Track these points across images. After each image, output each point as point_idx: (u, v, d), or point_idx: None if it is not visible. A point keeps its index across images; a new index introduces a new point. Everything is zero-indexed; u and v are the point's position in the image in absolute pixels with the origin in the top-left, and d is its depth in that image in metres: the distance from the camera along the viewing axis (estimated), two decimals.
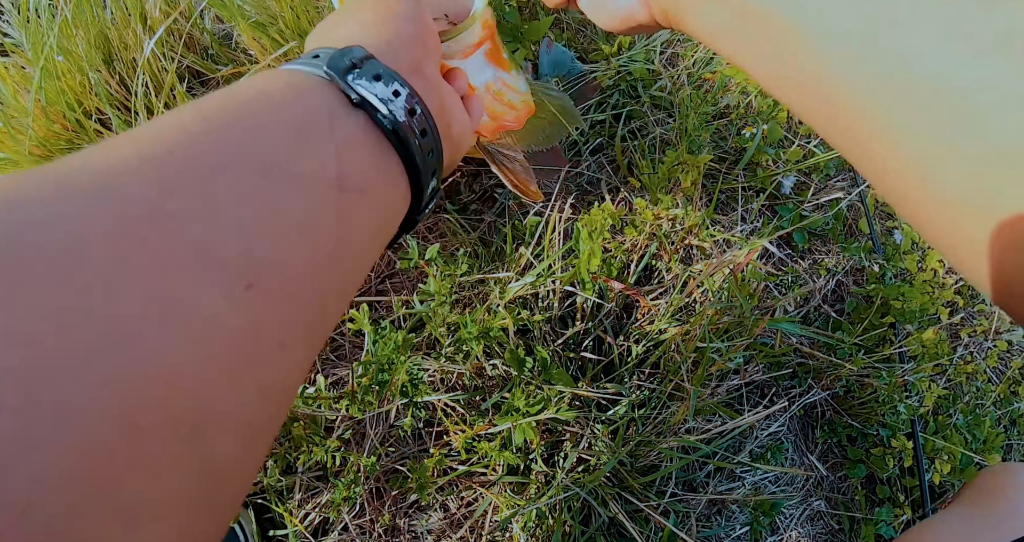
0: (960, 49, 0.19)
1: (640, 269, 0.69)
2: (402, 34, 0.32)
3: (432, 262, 0.64)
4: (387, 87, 0.26)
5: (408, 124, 0.27)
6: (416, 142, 0.27)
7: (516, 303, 0.64)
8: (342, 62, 0.26)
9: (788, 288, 0.85)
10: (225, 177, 0.19)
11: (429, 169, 0.29)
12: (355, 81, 0.26)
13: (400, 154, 0.27)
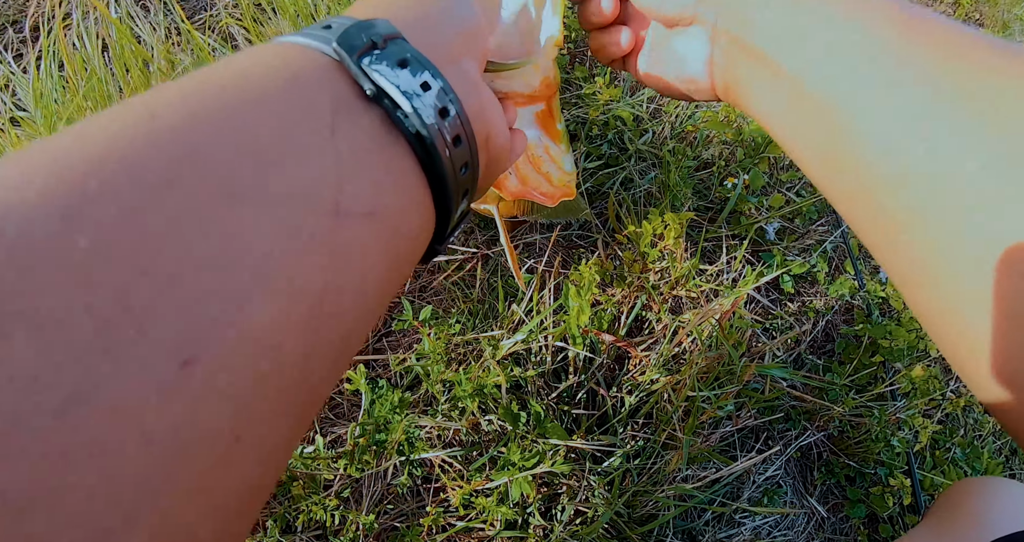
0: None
1: (630, 321, 0.71)
2: (446, 12, 0.26)
3: (426, 323, 0.66)
4: (414, 77, 0.20)
5: (438, 128, 0.21)
6: (447, 152, 0.21)
7: (509, 359, 0.65)
8: (358, 39, 0.20)
9: (779, 331, 0.87)
10: (170, 200, 0.14)
11: (461, 187, 0.23)
12: (372, 65, 0.20)
13: (424, 166, 0.21)
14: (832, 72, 0.26)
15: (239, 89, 0.17)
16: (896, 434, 0.89)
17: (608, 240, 0.73)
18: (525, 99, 0.39)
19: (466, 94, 0.23)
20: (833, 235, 0.94)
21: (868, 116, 0.24)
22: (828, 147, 0.27)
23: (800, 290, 0.92)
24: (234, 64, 0.19)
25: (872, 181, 0.24)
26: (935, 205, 0.22)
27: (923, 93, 0.23)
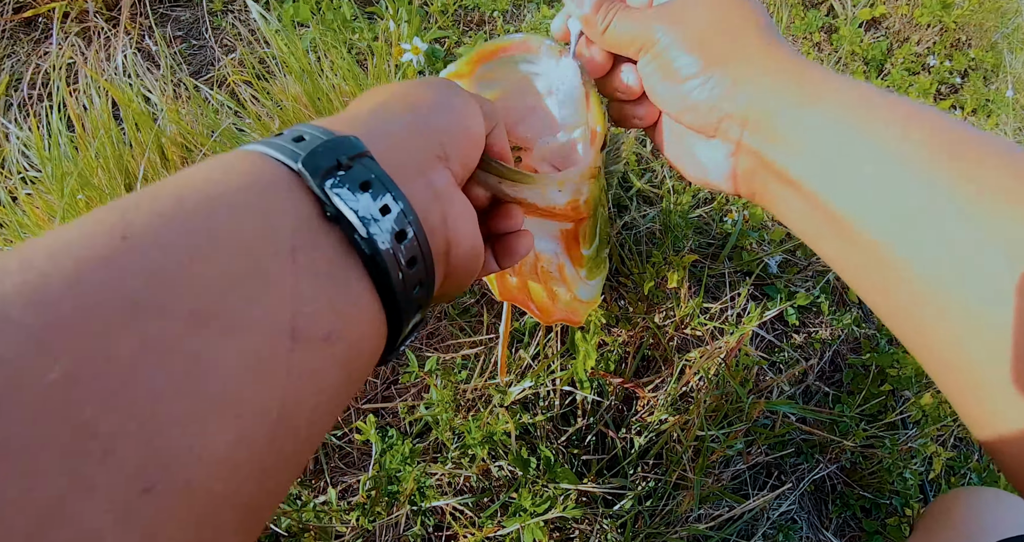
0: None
1: (637, 362, 0.71)
2: (424, 123, 0.27)
3: (432, 372, 0.66)
4: (375, 201, 0.21)
5: (392, 252, 0.22)
6: (399, 275, 0.22)
7: (518, 404, 0.66)
8: (324, 159, 0.21)
9: (787, 365, 0.87)
10: (138, 327, 0.15)
11: (413, 305, 0.24)
12: (334, 188, 0.20)
13: (379, 287, 0.22)
14: (884, 218, 0.26)
15: (209, 207, 0.18)
16: (908, 464, 0.88)
17: (613, 282, 0.74)
18: (542, 212, 0.37)
19: (427, 209, 0.24)
20: None
21: (924, 263, 0.25)
22: (873, 274, 0.28)
23: (805, 321, 0.92)
24: (206, 175, 0.19)
25: (917, 307, 0.26)
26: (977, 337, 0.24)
27: (979, 239, 0.24)
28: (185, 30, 0.98)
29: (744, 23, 0.32)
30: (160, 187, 0.19)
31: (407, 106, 0.28)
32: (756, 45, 0.32)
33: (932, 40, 1.47)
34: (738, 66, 0.31)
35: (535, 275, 0.42)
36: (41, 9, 1.07)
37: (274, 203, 0.20)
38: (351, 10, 0.81)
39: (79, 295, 0.14)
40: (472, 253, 0.28)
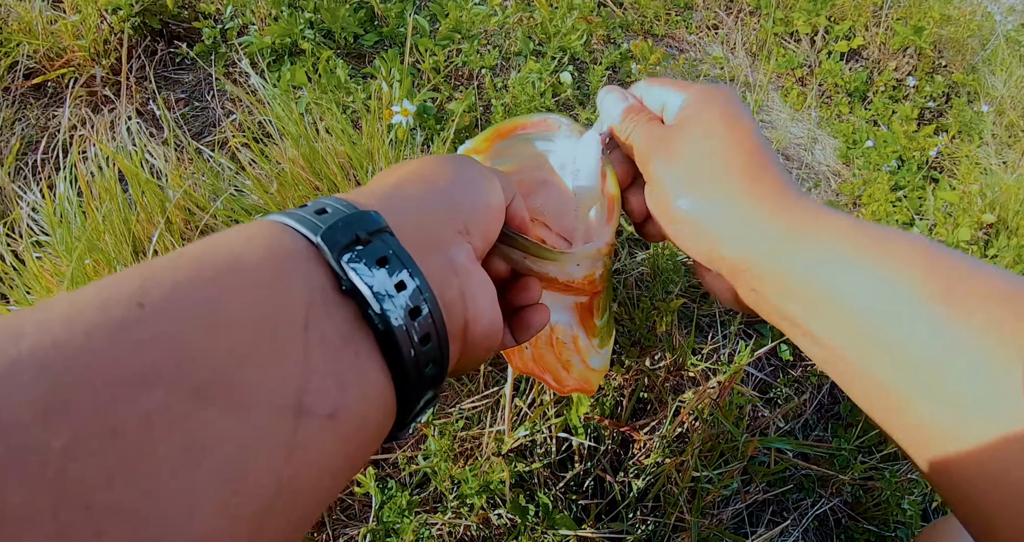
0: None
1: (632, 405, 0.73)
2: (446, 198, 0.27)
3: (430, 422, 0.68)
4: (391, 277, 0.21)
5: (405, 329, 0.21)
6: (411, 352, 0.22)
7: (514, 452, 0.67)
8: (343, 234, 0.21)
9: (785, 400, 0.87)
10: (143, 399, 0.15)
11: (424, 383, 0.23)
12: (351, 263, 0.21)
13: (390, 363, 0.22)
14: (881, 361, 0.26)
15: (226, 279, 0.18)
16: (908, 496, 0.88)
17: None
18: (561, 286, 0.38)
19: (443, 284, 0.24)
20: None
21: (922, 400, 0.25)
22: (874, 398, 0.28)
23: (800, 355, 0.94)
24: (228, 244, 0.20)
25: (924, 435, 0.26)
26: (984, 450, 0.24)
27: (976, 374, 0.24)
28: (188, 92, 1.03)
29: (735, 154, 0.32)
30: (180, 255, 0.19)
31: (428, 182, 0.28)
32: (744, 182, 0.32)
33: (911, 66, 1.51)
34: (724, 213, 0.32)
35: (550, 347, 0.42)
36: (51, 75, 1.12)
37: (291, 274, 0.20)
38: (345, 72, 0.85)
39: (88, 365, 0.14)
40: (491, 330, 0.27)
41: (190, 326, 0.17)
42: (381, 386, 0.22)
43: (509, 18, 0.96)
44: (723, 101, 0.34)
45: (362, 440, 0.21)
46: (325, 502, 0.21)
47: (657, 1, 1.24)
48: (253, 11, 1.00)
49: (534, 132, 0.41)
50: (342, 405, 0.19)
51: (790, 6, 1.44)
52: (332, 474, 0.20)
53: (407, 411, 0.24)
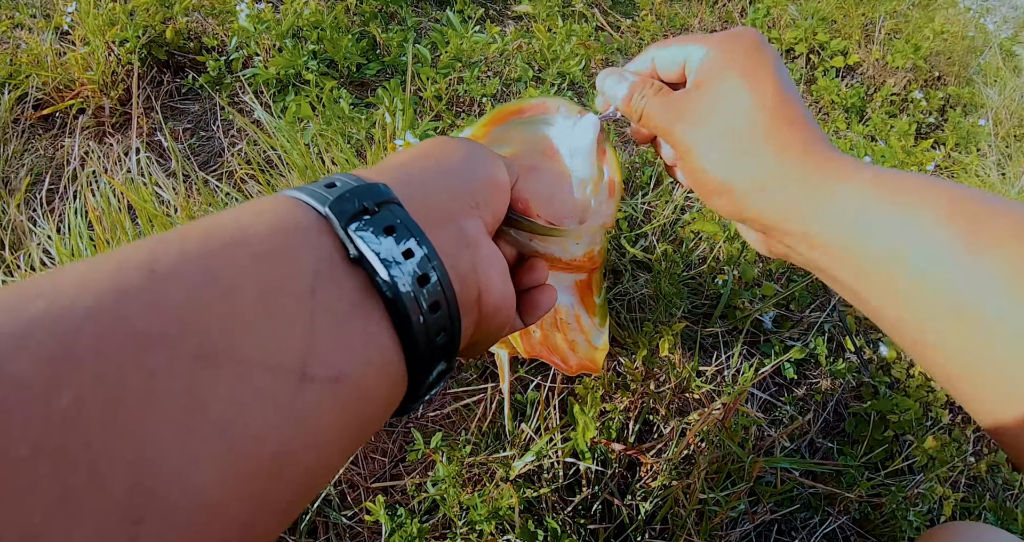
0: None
1: (639, 427, 0.73)
2: (451, 171, 0.28)
3: (438, 448, 0.68)
4: (398, 244, 0.22)
5: (413, 295, 0.22)
6: (419, 319, 0.22)
7: (522, 478, 0.67)
8: (351, 204, 0.22)
9: (791, 419, 0.88)
10: (151, 359, 0.15)
11: (435, 353, 0.23)
12: (359, 231, 0.21)
13: (399, 331, 0.22)
14: (912, 303, 0.27)
15: (234, 248, 0.19)
16: (914, 510, 0.88)
17: (610, 347, 0.77)
18: (563, 265, 0.39)
19: (455, 255, 0.25)
20: (829, 315, 0.97)
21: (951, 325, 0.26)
22: (910, 341, 0.29)
23: (805, 373, 0.94)
24: (236, 218, 0.20)
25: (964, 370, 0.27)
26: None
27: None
28: (194, 123, 1.05)
29: (761, 112, 0.32)
30: (191, 228, 0.19)
31: (437, 160, 0.28)
32: (771, 142, 0.32)
33: (907, 81, 1.52)
34: (754, 175, 0.32)
35: (555, 329, 0.43)
36: (59, 106, 1.14)
37: (298, 245, 0.20)
38: (349, 102, 0.86)
39: (98, 326, 0.15)
40: (503, 302, 0.28)
41: (195, 293, 0.17)
42: (389, 353, 0.22)
43: (508, 45, 0.98)
44: (744, 53, 0.33)
45: (368, 408, 0.21)
46: (327, 471, 0.20)
47: (653, 23, 1.26)
48: (257, 43, 1.02)
49: (531, 116, 0.41)
50: (347, 370, 0.19)
51: (785, 25, 1.46)
52: (334, 441, 0.20)
53: (419, 382, 0.24)
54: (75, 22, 1.16)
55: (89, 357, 0.14)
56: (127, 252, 0.18)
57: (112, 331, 0.15)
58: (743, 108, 0.32)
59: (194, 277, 0.17)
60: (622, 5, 1.37)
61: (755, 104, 0.32)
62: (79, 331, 0.15)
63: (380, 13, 1.14)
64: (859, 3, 1.52)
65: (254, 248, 0.19)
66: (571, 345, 0.44)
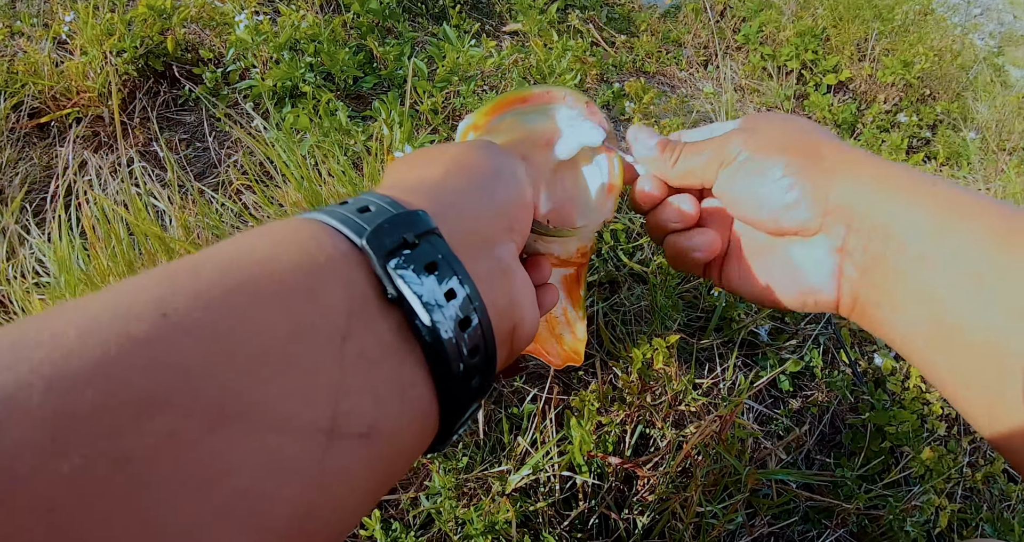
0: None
1: (635, 440, 0.73)
2: (491, 195, 0.26)
3: (434, 459, 0.68)
4: (440, 285, 0.20)
5: (455, 341, 0.20)
6: (459, 366, 0.20)
7: (518, 492, 0.67)
8: (390, 237, 0.19)
9: (788, 431, 0.88)
10: (155, 425, 0.14)
11: (470, 398, 0.22)
12: (399, 270, 0.19)
13: (435, 377, 0.20)
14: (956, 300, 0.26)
15: (255, 285, 0.17)
16: (911, 521, 0.88)
17: (606, 359, 0.76)
18: (558, 262, 0.40)
19: (494, 288, 0.23)
20: (824, 327, 0.97)
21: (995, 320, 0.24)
22: (994, 391, 0.25)
23: (800, 385, 0.94)
24: (253, 247, 0.18)
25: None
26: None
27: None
28: (190, 133, 1.05)
29: (814, 132, 0.33)
30: (206, 259, 0.17)
31: (472, 175, 0.26)
32: (834, 147, 0.32)
33: (898, 97, 1.54)
34: (828, 162, 0.31)
35: (544, 322, 0.43)
36: (56, 115, 1.14)
37: (329, 283, 0.18)
38: (346, 114, 0.87)
39: (101, 385, 0.13)
40: (533, 331, 0.26)
41: (208, 341, 0.15)
42: (425, 402, 0.20)
43: (505, 60, 0.99)
44: (777, 113, 0.37)
45: (397, 458, 0.19)
46: (353, 524, 0.19)
47: (648, 39, 1.28)
48: (255, 55, 1.02)
49: (534, 105, 0.40)
50: (378, 424, 0.18)
51: (778, 41, 1.48)
52: (363, 496, 0.18)
53: (450, 425, 0.22)
54: (73, 31, 1.17)
55: (90, 423, 0.13)
56: (136, 290, 0.16)
57: (116, 392, 0.13)
58: (799, 127, 0.34)
59: (211, 325, 0.15)
60: (617, 22, 1.39)
61: (810, 128, 0.34)
62: (80, 392, 0.13)
63: (377, 27, 1.14)
64: (851, 20, 1.54)
65: (278, 285, 0.17)
66: (558, 339, 0.44)
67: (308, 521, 0.16)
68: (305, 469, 0.16)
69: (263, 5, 1.21)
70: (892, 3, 1.66)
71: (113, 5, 1.21)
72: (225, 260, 0.17)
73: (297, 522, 0.16)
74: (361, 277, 0.19)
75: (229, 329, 0.15)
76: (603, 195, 0.41)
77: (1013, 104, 1.77)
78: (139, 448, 0.13)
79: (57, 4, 1.27)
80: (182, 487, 0.14)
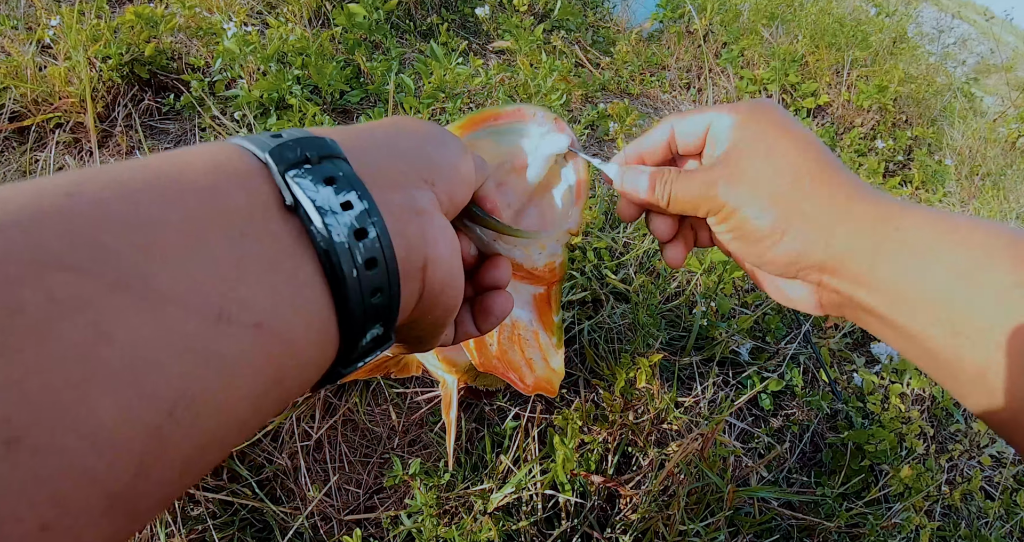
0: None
1: (617, 459, 0.73)
2: (415, 149, 0.27)
3: (416, 476, 0.67)
4: (336, 195, 0.21)
5: (348, 247, 0.21)
6: (353, 272, 0.21)
7: (501, 509, 0.66)
8: (292, 153, 0.21)
9: (769, 448, 0.88)
10: (49, 281, 0.14)
11: (370, 313, 0.22)
12: (297, 178, 0.20)
13: (331, 285, 0.21)
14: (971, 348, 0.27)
15: (165, 180, 0.18)
16: (892, 539, 0.88)
17: (589, 377, 0.76)
18: (524, 273, 0.38)
19: (404, 221, 0.23)
20: (803, 347, 0.99)
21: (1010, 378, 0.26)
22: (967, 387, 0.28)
23: (781, 403, 0.95)
24: (175, 156, 0.20)
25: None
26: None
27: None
28: (173, 142, 1.04)
29: (803, 163, 0.33)
30: (124, 163, 0.19)
31: (399, 131, 0.27)
32: (820, 188, 0.32)
33: (875, 121, 1.59)
34: (808, 219, 0.32)
35: (513, 344, 0.42)
36: (37, 119, 1.12)
37: (233, 187, 0.19)
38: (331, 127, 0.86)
39: (10, 238, 0.14)
40: (452, 280, 0.27)
41: (113, 221, 0.16)
42: (318, 306, 0.21)
43: (491, 78, 1.00)
44: (772, 115, 0.34)
45: (291, 361, 0.20)
46: (237, 424, 0.19)
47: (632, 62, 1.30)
48: (242, 66, 1.02)
49: (506, 123, 0.40)
50: (270, 317, 0.18)
51: (759, 65, 1.52)
52: (247, 396, 0.18)
53: (352, 344, 0.22)
54: (58, 36, 1.15)
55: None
56: (52, 178, 0.17)
57: (18, 248, 0.14)
58: (788, 158, 0.33)
59: (116, 204, 0.17)
60: (602, 43, 1.41)
61: (799, 154, 0.33)
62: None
63: (365, 42, 1.15)
64: (828, 47, 1.59)
65: (186, 185, 0.18)
66: (528, 363, 0.43)
67: (193, 400, 0.16)
68: (194, 345, 0.16)
69: (252, 17, 1.21)
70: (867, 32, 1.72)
71: (100, 11, 1.20)
72: (144, 161, 0.19)
73: (183, 398, 0.16)
74: (263, 188, 0.20)
75: (133, 210, 0.17)
76: (569, 202, 0.40)
77: (987, 130, 1.82)
78: (31, 302, 0.14)
79: (42, 8, 1.26)
80: (76, 342, 0.14)
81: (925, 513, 0.95)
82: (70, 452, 0.14)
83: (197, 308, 0.17)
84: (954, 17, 4.26)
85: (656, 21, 1.64)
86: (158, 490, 0.17)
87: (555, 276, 0.40)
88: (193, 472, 0.18)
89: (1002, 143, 1.89)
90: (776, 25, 1.64)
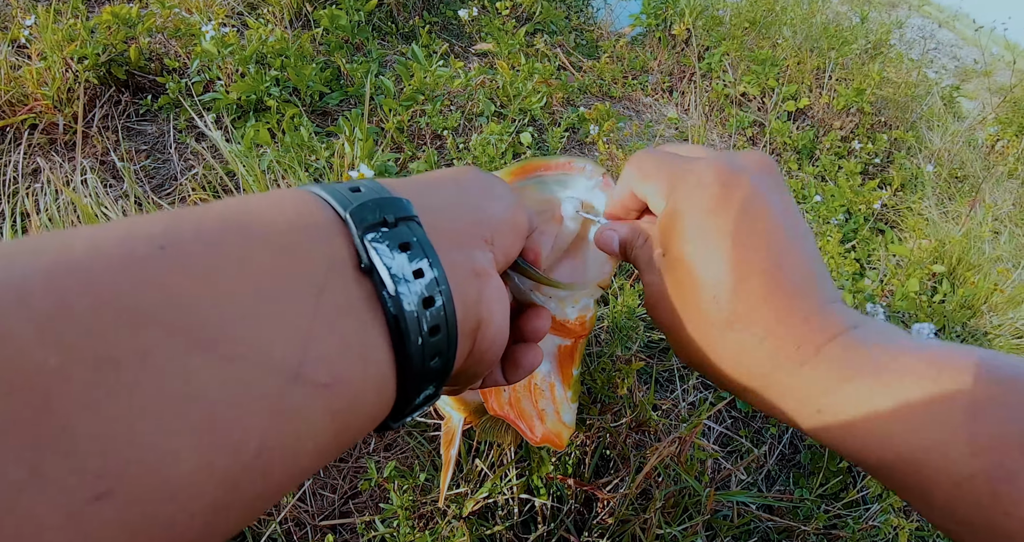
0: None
1: (595, 462, 0.73)
2: (475, 205, 0.28)
3: (392, 479, 0.66)
4: (410, 262, 0.22)
5: (416, 316, 0.21)
6: (418, 340, 0.22)
7: (475, 514, 0.66)
8: (372, 214, 0.22)
9: (748, 452, 0.88)
10: (141, 338, 0.15)
11: (428, 376, 0.23)
12: (374, 242, 0.21)
13: (395, 348, 0.22)
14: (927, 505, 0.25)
15: (249, 234, 0.19)
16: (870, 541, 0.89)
17: None
18: (556, 325, 0.38)
19: (464, 283, 0.24)
20: None
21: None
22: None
23: None
24: (255, 206, 0.20)
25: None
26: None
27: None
28: (150, 144, 1.02)
29: (740, 286, 0.29)
30: (208, 210, 0.19)
31: (461, 188, 0.29)
32: (765, 323, 0.29)
33: (854, 124, 1.60)
34: (738, 360, 0.29)
35: (528, 393, 0.42)
36: (10, 121, 1.10)
37: (314, 242, 0.20)
38: (310, 130, 0.86)
39: (99, 293, 0.15)
40: (499, 337, 0.27)
41: (201, 277, 0.17)
42: (383, 368, 0.21)
43: (472, 81, 0.99)
44: (706, 209, 0.30)
45: (354, 418, 0.21)
46: (301, 476, 0.20)
47: (614, 65, 1.30)
48: (220, 67, 1.01)
49: (554, 174, 0.40)
50: (340, 378, 0.19)
51: (740, 70, 1.53)
52: (315, 446, 0.19)
53: (405, 402, 0.23)
54: (33, 36, 1.14)
55: (83, 325, 0.14)
56: (141, 223, 0.17)
57: (111, 302, 0.15)
58: (729, 278, 0.29)
59: (203, 259, 0.17)
60: (584, 47, 1.42)
61: (736, 270, 0.29)
62: (78, 295, 0.14)
63: (346, 44, 1.14)
64: (809, 51, 1.60)
65: (269, 238, 0.19)
66: (540, 414, 0.42)
67: (267, 454, 0.17)
68: (270, 403, 0.17)
69: (231, 17, 1.20)
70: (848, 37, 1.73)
71: (76, 11, 1.18)
72: (225, 210, 0.19)
73: (258, 453, 0.17)
74: (341, 245, 0.21)
75: (220, 266, 0.17)
76: (603, 255, 0.40)
77: (965, 134, 1.85)
78: (123, 357, 0.14)
79: (18, 8, 1.24)
80: (162, 398, 0.15)
81: (903, 513, 0.96)
82: (156, 506, 0.15)
83: (275, 368, 0.17)
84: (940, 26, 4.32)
85: (638, 26, 1.65)
86: (219, 536, 0.17)
87: (584, 330, 0.40)
88: (257, 512, 0.19)
89: (980, 147, 1.92)
90: (758, 29, 1.65)
